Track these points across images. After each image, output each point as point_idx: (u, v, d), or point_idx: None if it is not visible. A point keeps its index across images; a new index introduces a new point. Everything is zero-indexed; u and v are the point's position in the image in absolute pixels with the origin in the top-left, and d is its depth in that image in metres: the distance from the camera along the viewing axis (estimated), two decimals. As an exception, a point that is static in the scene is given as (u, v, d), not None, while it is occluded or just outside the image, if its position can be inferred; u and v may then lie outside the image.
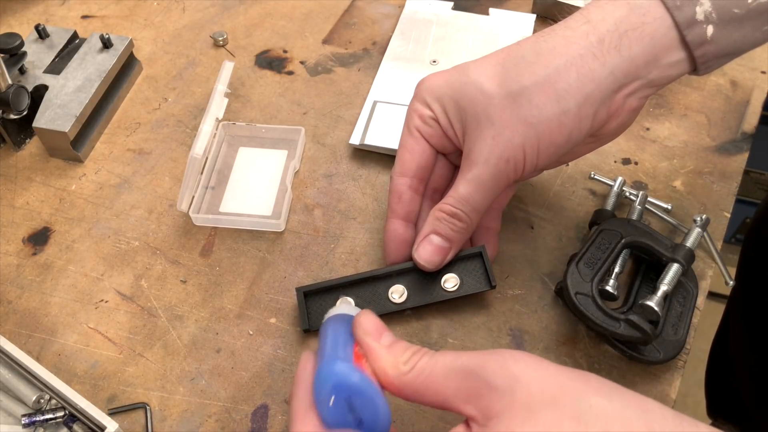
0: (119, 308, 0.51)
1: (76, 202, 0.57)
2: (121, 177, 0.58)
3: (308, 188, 0.57)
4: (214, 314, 0.50)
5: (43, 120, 0.57)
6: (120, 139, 0.61)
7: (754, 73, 0.63)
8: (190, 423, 0.45)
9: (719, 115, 0.60)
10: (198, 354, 0.48)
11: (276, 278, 0.52)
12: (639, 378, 0.46)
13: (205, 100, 0.63)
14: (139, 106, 0.64)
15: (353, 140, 0.58)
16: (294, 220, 0.55)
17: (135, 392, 0.47)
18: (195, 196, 0.55)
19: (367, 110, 0.60)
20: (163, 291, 0.51)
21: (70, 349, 0.49)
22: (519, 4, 0.70)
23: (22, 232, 0.55)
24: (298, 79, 0.65)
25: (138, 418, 0.46)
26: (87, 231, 0.55)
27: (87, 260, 0.53)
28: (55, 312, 0.51)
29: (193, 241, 0.54)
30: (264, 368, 0.47)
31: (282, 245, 0.53)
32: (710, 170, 0.56)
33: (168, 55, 0.68)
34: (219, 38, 0.68)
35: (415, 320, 0.49)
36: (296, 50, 0.67)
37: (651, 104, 0.61)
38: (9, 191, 0.58)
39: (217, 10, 0.71)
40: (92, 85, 0.60)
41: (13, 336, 0.49)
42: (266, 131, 0.59)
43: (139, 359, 0.48)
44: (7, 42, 0.60)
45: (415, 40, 0.66)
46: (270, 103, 0.63)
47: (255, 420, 0.45)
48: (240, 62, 0.66)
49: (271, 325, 0.49)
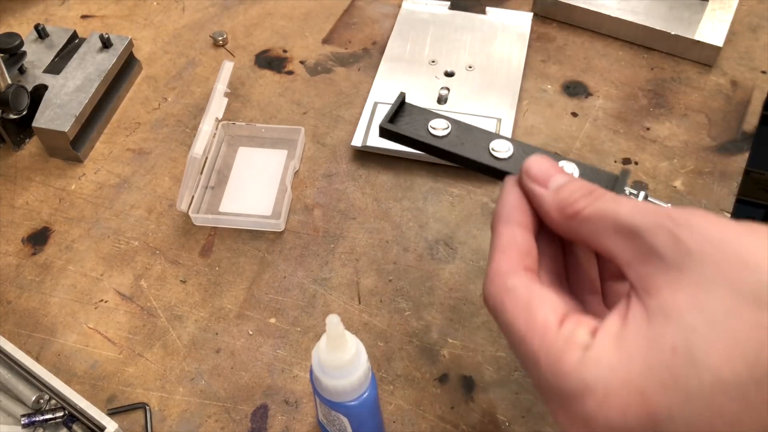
0: (119, 308, 0.51)
1: (75, 202, 0.57)
2: (120, 177, 0.58)
3: (308, 188, 0.57)
4: (214, 314, 0.50)
5: (42, 120, 0.57)
6: (120, 138, 0.61)
7: (755, 73, 0.63)
8: (190, 423, 0.45)
9: (719, 115, 0.60)
10: (197, 354, 0.48)
11: (276, 278, 0.52)
12: (639, 378, 0.46)
13: (205, 99, 0.63)
14: (138, 105, 0.64)
15: (355, 142, 0.58)
16: (294, 220, 0.55)
17: (134, 392, 0.47)
18: (195, 195, 0.55)
19: (368, 112, 0.60)
20: (163, 291, 0.51)
21: (69, 349, 0.49)
22: (519, 4, 0.70)
23: (21, 232, 0.55)
24: (297, 79, 0.65)
25: (137, 418, 0.46)
26: (86, 231, 0.55)
27: (86, 260, 0.53)
28: (54, 312, 0.51)
29: (193, 241, 0.54)
30: (264, 368, 0.47)
31: (282, 245, 0.53)
32: (710, 170, 0.56)
33: (168, 55, 0.68)
34: (219, 38, 0.68)
35: (415, 320, 0.49)
36: (296, 50, 0.67)
37: (651, 104, 0.61)
38: (8, 191, 0.58)
39: (216, 10, 0.71)
40: (92, 85, 0.60)
41: (12, 336, 0.49)
42: (266, 131, 0.59)
43: (139, 359, 0.48)
44: (7, 42, 0.59)
45: (413, 40, 0.66)
46: (270, 102, 0.63)
47: (255, 420, 0.45)
48: (240, 62, 0.66)
49: (271, 325, 0.49)
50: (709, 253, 0.25)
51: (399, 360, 0.47)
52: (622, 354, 0.26)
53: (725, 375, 0.23)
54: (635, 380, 0.25)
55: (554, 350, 0.28)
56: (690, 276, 0.26)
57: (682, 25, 0.64)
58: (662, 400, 0.25)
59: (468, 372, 0.47)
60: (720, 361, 0.24)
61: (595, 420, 0.26)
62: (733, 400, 0.23)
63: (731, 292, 0.24)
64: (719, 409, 0.24)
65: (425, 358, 0.47)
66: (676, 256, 0.26)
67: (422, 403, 0.45)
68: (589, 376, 0.26)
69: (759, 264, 0.24)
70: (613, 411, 0.26)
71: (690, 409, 0.24)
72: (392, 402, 0.46)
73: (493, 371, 0.47)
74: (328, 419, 0.39)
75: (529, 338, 0.29)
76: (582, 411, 0.26)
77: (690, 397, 0.24)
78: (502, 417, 0.45)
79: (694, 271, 0.26)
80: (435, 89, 0.62)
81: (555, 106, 0.62)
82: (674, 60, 0.64)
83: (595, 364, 0.26)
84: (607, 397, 0.26)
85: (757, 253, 0.25)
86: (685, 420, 0.24)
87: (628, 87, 0.63)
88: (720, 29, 0.63)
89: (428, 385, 0.46)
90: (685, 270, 0.26)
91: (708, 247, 0.26)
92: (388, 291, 0.51)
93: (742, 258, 0.25)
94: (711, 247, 0.26)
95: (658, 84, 0.63)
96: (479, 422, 0.45)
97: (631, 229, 0.28)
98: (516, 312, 0.30)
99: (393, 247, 0.53)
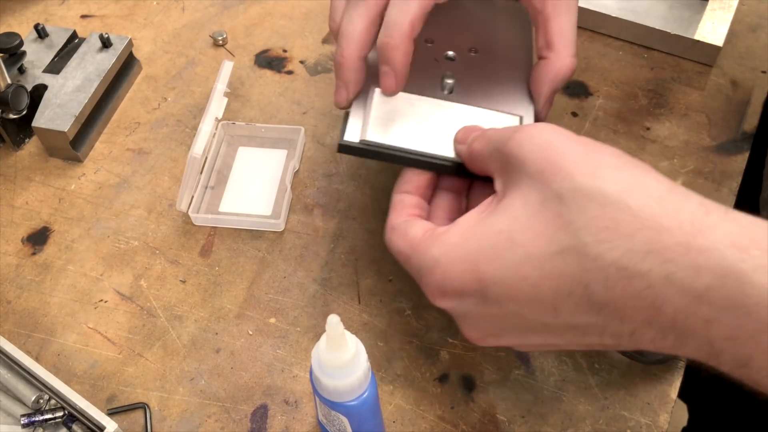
0: (118, 308, 0.51)
1: (75, 202, 0.57)
2: (120, 177, 0.58)
3: (308, 188, 0.57)
4: (214, 314, 0.50)
5: (42, 120, 0.57)
6: (119, 138, 0.61)
7: (755, 73, 0.63)
8: (190, 423, 0.45)
9: (720, 114, 0.60)
10: (197, 354, 0.48)
11: (276, 278, 0.52)
12: (639, 378, 0.46)
13: (205, 99, 0.63)
14: (138, 105, 0.64)
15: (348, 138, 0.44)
16: (293, 219, 0.55)
17: (134, 392, 0.47)
18: (194, 195, 0.55)
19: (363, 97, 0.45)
20: (163, 291, 0.51)
21: (69, 349, 0.49)
22: (519, 4, 0.70)
23: (21, 232, 0.55)
24: (297, 79, 0.65)
25: (137, 418, 0.46)
26: (86, 231, 0.55)
27: (86, 260, 0.53)
28: (54, 312, 0.51)
29: (193, 240, 0.54)
30: (263, 368, 0.47)
31: (282, 245, 0.53)
32: (710, 170, 0.56)
33: (167, 55, 0.67)
34: (218, 38, 0.68)
35: (415, 320, 0.49)
36: (296, 50, 0.67)
37: (651, 104, 0.61)
38: (8, 191, 0.58)
39: (216, 10, 0.71)
40: (91, 85, 0.59)
41: (12, 336, 0.49)
42: (266, 131, 0.59)
43: (139, 359, 0.48)
44: (7, 41, 0.59)
45: None
46: (270, 102, 0.63)
47: (254, 420, 0.45)
48: (239, 62, 0.66)
49: (271, 325, 0.49)
50: (538, 159, 0.33)
51: (399, 360, 0.47)
52: (463, 235, 0.35)
53: (531, 250, 0.32)
54: (469, 255, 0.34)
55: (416, 245, 0.37)
56: (522, 178, 0.34)
57: (682, 25, 0.64)
58: (488, 269, 0.33)
59: (468, 372, 0.47)
60: (529, 240, 0.32)
61: (442, 285, 0.35)
62: (533, 269, 0.31)
63: (545, 191, 0.32)
64: (525, 274, 0.32)
65: (425, 358, 0.47)
66: (517, 164, 0.34)
67: (422, 403, 0.45)
68: (437, 252, 0.35)
69: (569, 170, 0.32)
70: (454, 277, 0.35)
71: (507, 275, 0.32)
72: (392, 402, 0.46)
73: (493, 371, 0.47)
74: (328, 419, 0.39)
75: (404, 248, 0.38)
76: (434, 281, 0.36)
77: (507, 265, 0.32)
78: (502, 417, 0.45)
79: (527, 174, 0.33)
80: (436, 75, 0.47)
81: (555, 105, 0.62)
82: (674, 60, 0.64)
83: (442, 243, 0.35)
84: (449, 268, 0.35)
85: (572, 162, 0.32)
86: (503, 282, 0.33)
87: (628, 87, 0.63)
88: (720, 29, 0.63)
89: (428, 385, 0.46)
90: (522, 173, 0.34)
91: (538, 153, 0.33)
92: (388, 291, 0.51)
93: (559, 164, 0.32)
94: (540, 152, 0.33)
95: (658, 84, 0.63)
96: (479, 422, 0.45)
97: (494, 148, 0.37)
98: (399, 240, 0.39)
99: (393, 247, 0.53)
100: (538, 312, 0.33)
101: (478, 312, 0.35)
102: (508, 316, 0.34)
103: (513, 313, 0.33)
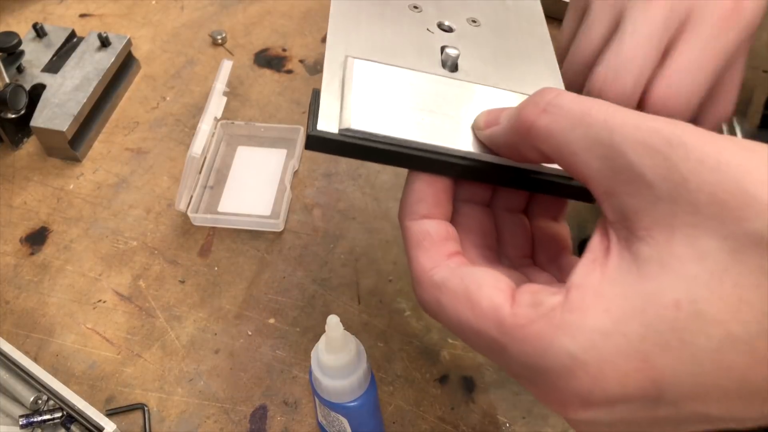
0: (117, 308, 0.50)
1: (73, 202, 0.57)
2: (119, 176, 0.58)
3: (307, 188, 0.57)
4: (213, 314, 0.50)
5: (40, 119, 0.57)
6: (118, 138, 0.61)
7: (755, 73, 0.63)
8: (189, 424, 0.45)
9: (720, 114, 0.60)
10: (196, 354, 0.48)
11: (275, 278, 0.51)
12: (640, 379, 0.46)
13: (204, 99, 0.63)
14: (137, 105, 0.63)
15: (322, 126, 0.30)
16: (293, 219, 0.55)
17: (133, 393, 0.46)
18: (193, 195, 0.55)
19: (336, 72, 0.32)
20: (162, 291, 0.51)
21: (67, 349, 0.49)
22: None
23: (19, 232, 0.55)
24: (297, 78, 0.64)
25: (136, 418, 0.46)
26: (85, 231, 0.55)
27: (85, 260, 0.53)
28: (52, 312, 0.50)
29: (192, 240, 0.54)
30: (263, 369, 0.47)
31: (281, 245, 0.53)
32: (711, 170, 0.56)
33: (166, 54, 0.67)
34: (218, 37, 0.67)
35: (415, 321, 0.49)
36: (295, 49, 0.67)
37: (651, 103, 0.61)
38: (6, 191, 0.58)
39: (215, 9, 0.71)
40: (90, 84, 0.59)
41: (10, 336, 0.49)
42: (265, 130, 0.59)
43: (137, 360, 0.48)
44: (5, 41, 0.59)
45: None
46: (269, 102, 0.63)
47: (254, 421, 0.45)
48: (239, 61, 0.66)
49: (270, 325, 0.49)
50: (708, 182, 0.21)
51: (399, 360, 0.47)
52: (611, 314, 0.22)
53: (733, 329, 0.21)
54: (634, 344, 0.22)
55: (519, 331, 0.24)
56: (685, 211, 0.21)
57: (683, 25, 0.63)
58: (667, 363, 0.22)
59: (468, 373, 0.47)
60: (727, 313, 0.21)
61: (591, 396, 0.23)
62: (741, 355, 0.21)
63: (734, 233, 0.21)
64: (727, 365, 0.21)
65: (425, 358, 0.47)
66: (669, 185, 0.22)
67: (422, 404, 0.45)
68: (575, 347, 0.22)
69: (760, 196, 0.20)
70: (613, 383, 0.22)
71: (698, 369, 0.21)
72: (392, 403, 0.45)
73: (493, 372, 0.47)
74: (328, 420, 0.39)
75: (484, 329, 0.25)
76: (575, 388, 0.23)
77: (697, 356, 0.21)
78: (503, 418, 0.45)
79: (690, 206, 0.21)
80: (432, 47, 0.36)
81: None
82: (675, 59, 0.64)
83: (578, 330, 0.22)
84: (602, 369, 0.22)
85: (758, 181, 0.20)
86: (691, 381, 0.22)
87: (628, 86, 0.62)
88: (721, 28, 0.63)
89: (428, 386, 0.46)
90: (680, 203, 0.21)
91: (706, 174, 0.21)
92: (388, 291, 0.50)
93: (743, 188, 0.21)
94: (709, 174, 0.21)
95: (658, 83, 0.62)
96: (479, 423, 0.44)
97: (607, 145, 0.23)
98: (457, 307, 0.26)
99: (393, 247, 0.53)
100: (741, 410, 0.22)
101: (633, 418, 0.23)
102: (681, 419, 0.23)
103: (693, 414, 0.23)
